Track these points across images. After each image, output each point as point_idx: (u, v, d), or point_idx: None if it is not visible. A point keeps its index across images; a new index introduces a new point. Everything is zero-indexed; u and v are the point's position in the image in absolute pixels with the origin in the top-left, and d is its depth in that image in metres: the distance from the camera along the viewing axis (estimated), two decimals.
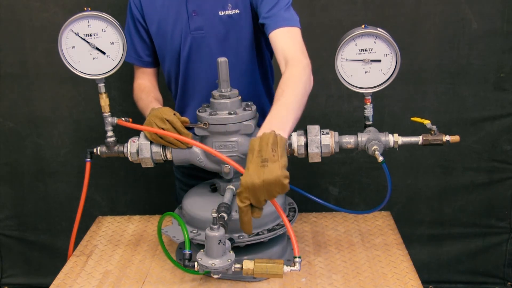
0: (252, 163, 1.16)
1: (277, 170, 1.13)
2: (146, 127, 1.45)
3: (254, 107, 1.50)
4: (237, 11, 1.64)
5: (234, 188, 1.48)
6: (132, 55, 1.74)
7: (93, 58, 1.44)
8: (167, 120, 1.44)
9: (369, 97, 1.45)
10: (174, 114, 1.47)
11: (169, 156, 1.50)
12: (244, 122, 1.45)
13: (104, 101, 1.51)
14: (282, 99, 1.33)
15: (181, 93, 1.75)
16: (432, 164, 2.57)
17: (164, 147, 1.49)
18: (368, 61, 1.40)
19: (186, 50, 1.67)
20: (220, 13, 1.64)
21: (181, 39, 1.66)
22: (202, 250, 1.25)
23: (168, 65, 1.73)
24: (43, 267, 2.79)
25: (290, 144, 1.45)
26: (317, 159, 1.45)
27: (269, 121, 1.28)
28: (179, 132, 1.45)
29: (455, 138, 1.42)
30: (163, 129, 1.44)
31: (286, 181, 1.14)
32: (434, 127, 1.43)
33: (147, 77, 1.78)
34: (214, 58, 1.56)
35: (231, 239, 1.35)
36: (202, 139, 1.49)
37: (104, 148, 1.55)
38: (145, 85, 1.76)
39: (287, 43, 1.50)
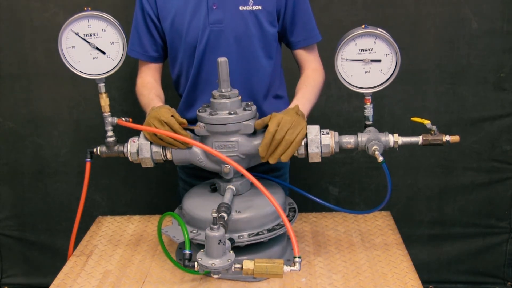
0: (292, 109, 1.48)
1: (304, 122, 1.45)
2: (146, 127, 1.45)
3: (254, 107, 1.50)
4: (259, 7, 1.65)
5: (234, 188, 1.48)
6: (138, 50, 1.74)
7: (93, 58, 1.44)
8: (165, 122, 1.44)
9: (369, 97, 1.45)
10: (172, 115, 1.46)
11: (169, 156, 1.50)
12: (244, 122, 1.45)
13: (104, 101, 1.51)
14: (306, 95, 1.67)
15: (192, 87, 1.74)
16: (432, 164, 2.57)
17: (164, 147, 1.49)
18: (368, 61, 1.40)
19: (203, 43, 1.67)
20: (241, 7, 1.65)
21: (198, 32, 1.66)
22: (202, 250, 1.25)
23: (180, 59, 1.73)
24: (43, 267, 2.79)
25: None
26: (317, 159, 1.45)
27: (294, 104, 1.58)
28: (176, 133, 1.44)
29: (455, 138, 1.42)
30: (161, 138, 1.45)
31: (304, 133, 1.44)
32: (434, 127, 1.43)
33: (151, 72, 1.78)
34: (231, 52, 1.64)
35: (231, 239, 1.35)
36: (202, 139, 1.49)
37: (104, 148, 1.55)
38: (148, 80, 1.76)
39: (315, 58, 1.79)
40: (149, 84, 1.75)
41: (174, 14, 1.67)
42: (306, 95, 1.67)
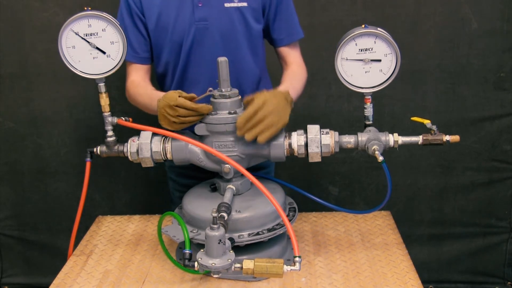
0: (282, 93, 1.45)
1: (289, 110, 1.44)
2: (146, 127, 1.45)
3: None
4: (244, 4, 1.66)
5: (234, 188, 1.48)
6: (129, 52, 1.70)
7: (93, 58, 1.44)
8: (176, 106, 1.40)
9: (369, 97, 1.45)
10: (180, 96, 1.42)
11: (169, 156, 1.50)
12: None
13: (104, 100, 1.51)
14: (294, 83, 1.67)
15: (178, 85, 1.74)
16: (432, 164, 2.57)
17: (164, 147, 1.49)
18: (368, 61, 1.40)
19: (189, 41, 1.67)
20: (226, 5, 1.65)
21: (184, 30, 1.66)
22: (202, 250, 1.25)
23: (166, 56, 1.72)
24: (43, 267, 2.79)
25: (290, 144, 1.45)
26: (317, 159, 1.45)
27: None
28: (193, 110, 1.41)
29: (455, 138, 1.42)
30: (179, 116, 1.41)
31: (286, 121, 1.42)
32: (434, 127, 1.43)
33: (141, 74, 1.75)
34: (217, 49, 1.64)
35: (231, 239, 1.35)
36: (202, 138, 1.49)
37: (104, 148, 1.55)
38: (139, 81, 1.74)
39: (298, 55, 1.81)
40: (141, 83, 1.72)
41: (159, 12, 1.67)
42: (294, 84, 1.67)
